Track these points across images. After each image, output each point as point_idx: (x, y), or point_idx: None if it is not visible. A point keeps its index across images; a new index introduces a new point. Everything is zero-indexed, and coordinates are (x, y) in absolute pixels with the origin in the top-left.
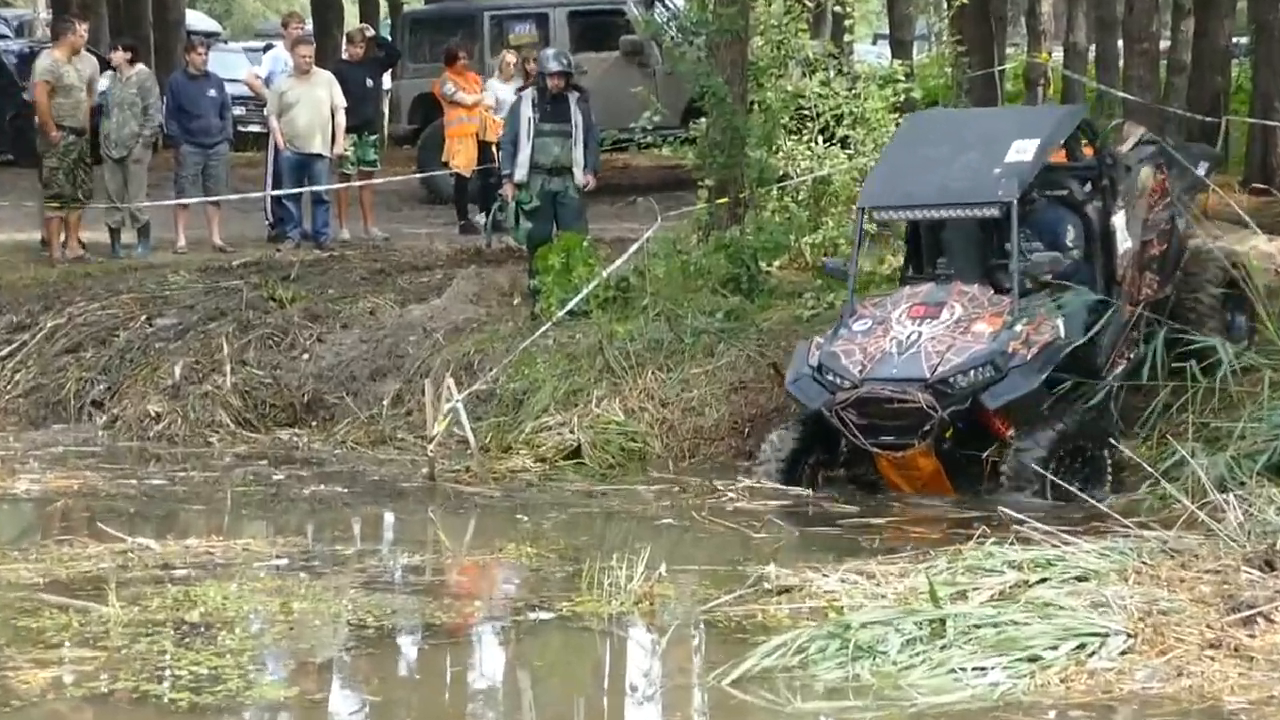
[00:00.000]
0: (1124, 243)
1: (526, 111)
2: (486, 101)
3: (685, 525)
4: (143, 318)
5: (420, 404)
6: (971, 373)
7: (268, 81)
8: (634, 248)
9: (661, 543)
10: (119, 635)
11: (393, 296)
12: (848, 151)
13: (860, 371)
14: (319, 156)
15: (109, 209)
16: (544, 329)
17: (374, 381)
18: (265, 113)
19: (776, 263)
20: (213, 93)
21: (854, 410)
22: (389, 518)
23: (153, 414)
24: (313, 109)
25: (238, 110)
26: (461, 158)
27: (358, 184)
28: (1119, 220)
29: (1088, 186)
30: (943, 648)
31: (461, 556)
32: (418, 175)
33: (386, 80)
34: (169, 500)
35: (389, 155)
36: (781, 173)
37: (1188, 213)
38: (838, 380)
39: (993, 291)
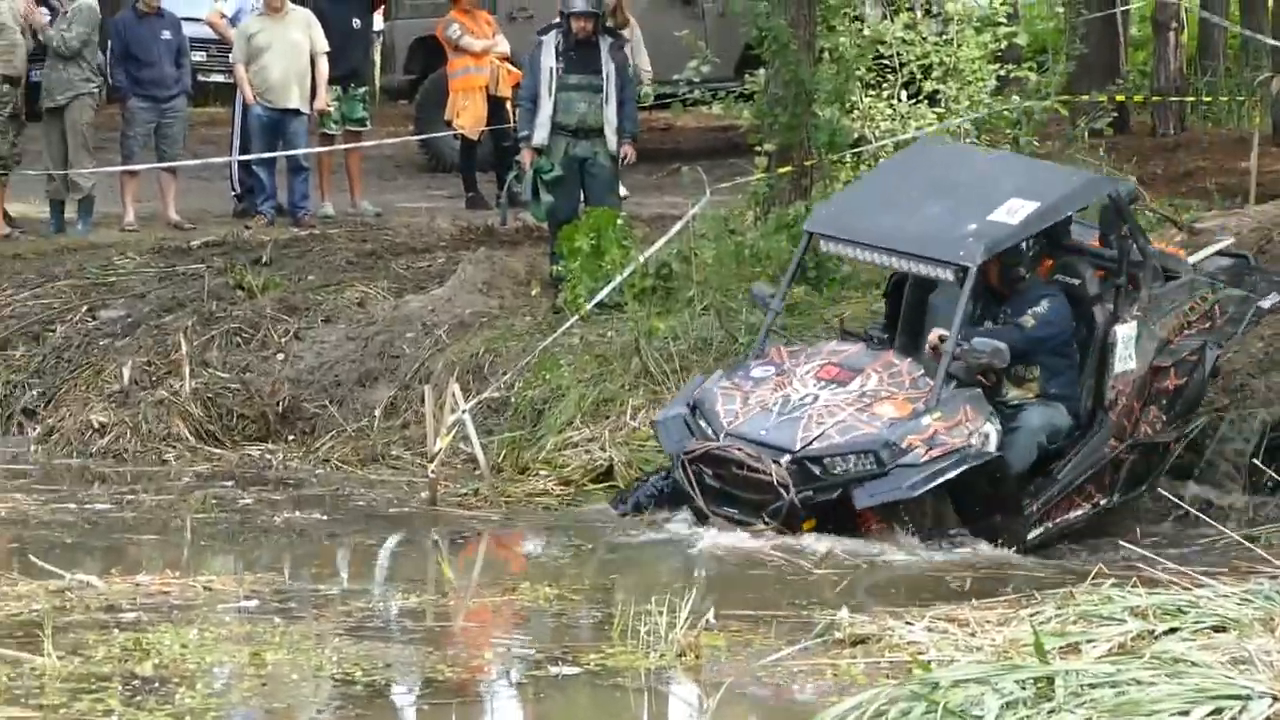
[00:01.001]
0: (1125, 361)
1: (548, 60)
2: (500, 48)
3: (738, 561)
4: (84, 309)
5: (419, 415)
6: (851, 459)
7: (234, 21)
8: (677, 227)
9: (709, 582)
10: (56, 691)
11: (386, 285)
12: (937, 110)
13: (730, 422)
14: (296, 113)
15: (48, 176)
16: (569, 325)
17: (363, 387)
18: (231, 59)
19: None
20: (167, 35)
21: (708, 467)
22: (381, 551)
23: (96, 425)
24: (288, 55)
25: (197, 56)
26: (468, 116)
27: (343, 147)
28: (1123, 332)
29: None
30: (1050, 712)
31: (468, 598)
32: (416, 137)
33: (377, 20)
34: (114, 529)
35: (381, 112)
36: (857, 135)
37: (1223, 347)
38: (704, 426)
39: (921, 371)
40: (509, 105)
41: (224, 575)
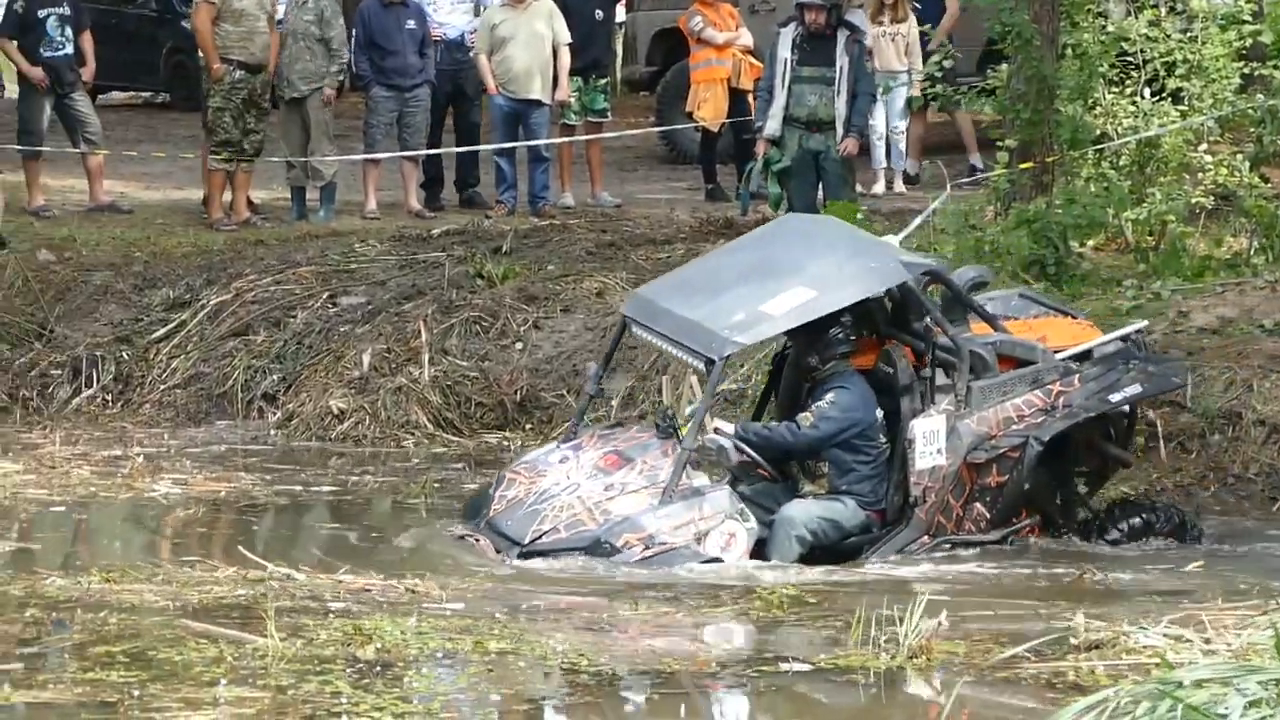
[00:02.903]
0: (931, 457)
1: (784, 52)
2: (742, 41)
3: (976, 561)
4: (324, 296)
5: (656, 406)
6: (575, 555)
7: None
8: (917, 221)
9: (944, 584)
10: (282, 672)
11: (625, 275)
12: (1180, 108)
13: (494, 509)
14: (538, 104)
15: (288, 164)
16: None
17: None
18: (474, 50)
19: (1090, 242)
20: (411, 24)
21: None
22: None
23: (335, 411)
24: (531, 46)
25: None
26: (709, 108)
27: (584, 138)
28: (923, 427)
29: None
30: None
31: (698, 592)
32: (657, 129)
33: (620, 12)
34: (331, 516)
35: (622, 104)
36: (1099, 132)
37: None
38: (482, 510)
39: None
40: (750, 98)
41: (429, 580)
